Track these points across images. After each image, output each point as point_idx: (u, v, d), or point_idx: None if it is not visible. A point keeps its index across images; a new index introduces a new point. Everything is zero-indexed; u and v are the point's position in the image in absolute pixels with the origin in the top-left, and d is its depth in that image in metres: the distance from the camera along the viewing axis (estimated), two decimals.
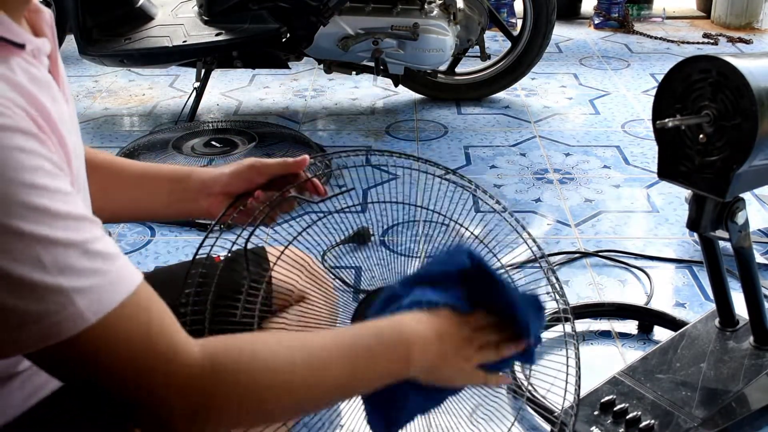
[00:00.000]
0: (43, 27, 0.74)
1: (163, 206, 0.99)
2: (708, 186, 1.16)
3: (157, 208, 1.00)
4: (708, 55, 1.13)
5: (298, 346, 0.71)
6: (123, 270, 0.64)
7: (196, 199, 0.97)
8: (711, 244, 1.33)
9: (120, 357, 0.63)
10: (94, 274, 0.61)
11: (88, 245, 0.62)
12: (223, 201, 0.97)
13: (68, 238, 0.60)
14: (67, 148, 0.69)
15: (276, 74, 3.33)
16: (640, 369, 1.40)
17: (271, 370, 0.68)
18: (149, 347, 0.64)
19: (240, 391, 0.66)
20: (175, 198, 0.98)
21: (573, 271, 1.90)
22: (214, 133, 2.57)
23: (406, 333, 0.77)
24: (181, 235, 2.06)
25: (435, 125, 2.82)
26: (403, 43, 2.62)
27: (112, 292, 0.62)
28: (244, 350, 0.68)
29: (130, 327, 0.63)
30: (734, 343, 1.42)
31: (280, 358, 0.69)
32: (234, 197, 0.96)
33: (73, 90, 3.18)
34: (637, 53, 3.64)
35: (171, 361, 0.64)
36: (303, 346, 0.72)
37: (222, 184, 0.96)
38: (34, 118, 0.63)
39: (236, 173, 0.96)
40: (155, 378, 0.64)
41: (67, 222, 0.60)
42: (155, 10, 2.80)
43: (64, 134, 0.68)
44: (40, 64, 0.70)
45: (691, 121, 1.14)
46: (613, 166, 2.48)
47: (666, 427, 1.27)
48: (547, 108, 2.98)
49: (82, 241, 0.61)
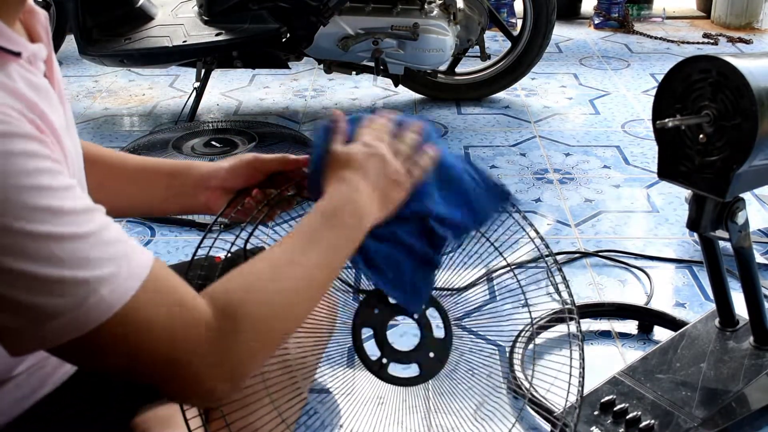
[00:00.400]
0: (38, 29, 0.74)
1: (161, 200, 0.99)
2: (708, 186, 1.16)
3: (154, 203, 1.00)
4: (708, 55, 1.13)
5: (280, 261, 0.75)
6: (136, 252, 0.66)
7: (195, 194, 0.97)
8: (711, 244, 1.33)
9: (150, 336, 0.65)
10: (111, 262, 0.63)
11: (99, 235, 0.63)
12: (222, 195, 0.96)
13: (79, 231, 0.62)
14: (66, 152, 0.69)
15: (276, 74, 3.33)
16: (640, 369, 1.40)
17: (269, 301, 0.72)
18: (175, 320, 0.66)
19: (257, 328, 0.70)
20: (173, 192, 0.98)
21: (573, 271, 1.90)
22: (214, 133, 2.57)
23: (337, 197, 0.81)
24: (181, 235, 2.06)
25: (435, 125, 2.82)
26: (403, 43, 2.62)
27: (131, 276, 0.64)
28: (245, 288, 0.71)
29: (153, 305, 0.65)
30: (734, 343, 1.42)
31: (273, 282, 0.73)
32: (233, 193, 0.96)
33: (73, 90, 3.18)
34: (637, 53, 3.64)
35: (196, 326, 0.67)
36: (281, 258, 0.75)
37: (220, 179, 0.96)
38: (33, 121, 0.63)
39: (235, 168, 0.96)
40: (187, 348, 0.66)
41: (75, 217, 0.62)
42: (155, 10, 2.80)
43: (63, 139, 0.69)
44: (36, 69, 0.70)
45: (691, 121, 1.14)
46: (613, 166, 2.48)
47: (666, 427, 1.27)
48: (547, 108, 2.98)
49: (93, 232, 0.63)
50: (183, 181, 0.98)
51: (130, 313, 0.63)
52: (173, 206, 1.01)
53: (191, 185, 0.97)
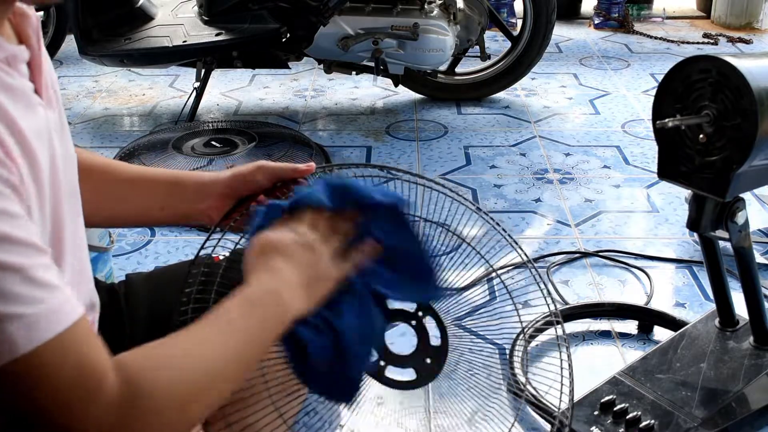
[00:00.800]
0: (28, 32, 0.73)
1: (160, 208, 0.97)
2: (708, 186, 1.16)
3: (153, 212, 0.98)
4: (708, 55, 1.13)
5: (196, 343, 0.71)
6: (63, 303, 0.62)
7: (194, 201, 0.95)
8: (711, 244, 1.33)
9: (48, 390, 0.60)
10: (32, 303, 0.59)
11: (29, 272, 0.59)
12: (223, 203, 0.95)
13: (8, 261, 0.58)
14: (36, 161, 0.67)
15: (276, 74, 3.33)
16: (640, 369, 1.40)
17: (179, 380, 0.67)
18: (77, 385, 0.61)
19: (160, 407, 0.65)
20: (173, 199, 0.97)
21: (573, 271, 1.90)
22: (214, 133, 2.57)
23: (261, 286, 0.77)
24: (181, 235, 2.06)
25: (435, 125, 2.82)
26: (403, 43, 2.62)
27: (49, 322, 0.60)
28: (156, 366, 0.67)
29: (60, 363, 0.61)
30: (734, 343, 1.42)
31: (185, 362, 0.68)
32: (236, 200, 0.95)
33: (73, 90, 3.18)
34: (637, 53, 3.64)
35: (96, 397, 0.62)
36: (198, 340, 0.71)
37: (222, 185, 0.95)
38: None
39: (239, 173, 0.94)
40: (82, 417, 0.62)
41: (9, 245, 0.59)
42: (155, 10, 2.80)
43: (34, 147, 0.67)
44: (14, 71, 0.68)
45: (691, 121, 1.14)
46: (613, 166, 2.48)
47: (666, 427, 1.27)
48: (547, 108, 2.98)
49: (24, 267, 0.59)
50: (183, 188, 0.96)
51: (35, 362, 0.59)
52: (172, 214, 0.99)
53: (191, 192, 0.96)
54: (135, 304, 0.99)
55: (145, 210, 0.99)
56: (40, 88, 0.72)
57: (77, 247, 0.80)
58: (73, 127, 2.83)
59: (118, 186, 0.97)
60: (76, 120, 2.89)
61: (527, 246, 2.01)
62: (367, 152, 2.60)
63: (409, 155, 2.57)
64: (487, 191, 2.31)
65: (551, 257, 1.94)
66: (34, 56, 0.72)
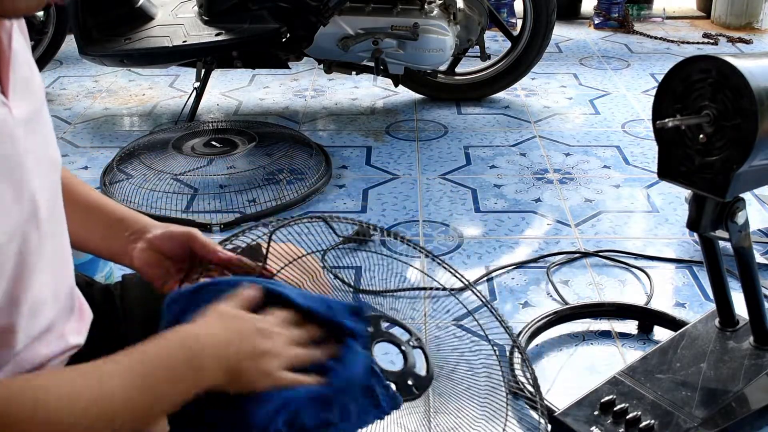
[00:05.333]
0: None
1: (101, 237, 0.94)
2: (708, 186, 1.16)
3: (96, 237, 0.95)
4: (708, 55, 1.13)
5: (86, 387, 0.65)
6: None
7: (127, 242, 0.93)
8: (711, 244, 1.33)
9: None
10: None
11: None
12: (145, 253, 0.91)
13: None
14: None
15: (276, 74, 3.33)
16: (640, 369, 1.40)
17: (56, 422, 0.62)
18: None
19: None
20: (112, 233, 0.94)
21: (573, 271, 1.90)
22: (214, 133, 2.57)
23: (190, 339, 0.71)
24: None
25: (435, 125, 2.82)
26: (403, 43, 2.61)
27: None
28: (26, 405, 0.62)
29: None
30: (734, 343, 1.42)
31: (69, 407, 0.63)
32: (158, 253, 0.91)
33: (73, 90, 3.18)
34: (637, 53, 3.64)
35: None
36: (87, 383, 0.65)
37: (152, 236, 0.92)
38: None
39: (168, 234, 0.91)
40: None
41: None
42: (155, 10, 2.80)
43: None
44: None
45: (691, 121, 1.14)
46: (613, 166, 2.48)
47: (666, 427, 1.27)
48: (547, 108, 2.98)
49: None
50: (127, 225, 0.94)
51: None
52: (107, 247, 0.96)
53: (131, 231, 0.93)
54: (130, 305, 0.99)
55: (88, 236, 0.95)
56: (6, 89, 0.69)
57: (56, 240, 0.79)
58: (73, 127, 2.83)
59: (77, 208, 0.95)
60: (76, 120, 2.90)
61: (527, 246, 2.01)
62: (367, 152, 2.59)
63: (409, 155, 2.57)
64: (487, 191, 2.31)
65: (551, 257, 1.94)
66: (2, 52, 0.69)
